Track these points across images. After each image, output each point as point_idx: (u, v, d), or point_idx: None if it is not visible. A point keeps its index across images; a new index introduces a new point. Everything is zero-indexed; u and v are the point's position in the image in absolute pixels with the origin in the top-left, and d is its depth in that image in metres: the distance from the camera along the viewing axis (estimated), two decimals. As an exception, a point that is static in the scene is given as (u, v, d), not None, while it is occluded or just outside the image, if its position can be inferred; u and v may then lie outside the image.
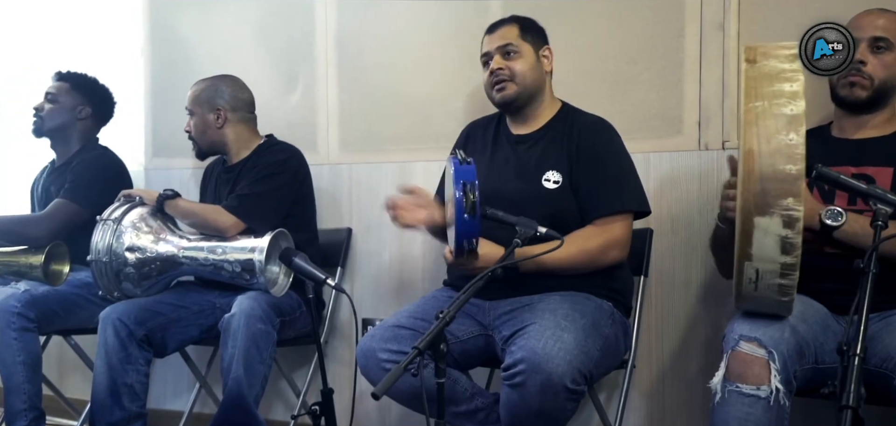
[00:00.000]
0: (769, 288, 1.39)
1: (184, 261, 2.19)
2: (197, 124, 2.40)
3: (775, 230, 1.32)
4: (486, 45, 2.02)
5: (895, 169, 1.66)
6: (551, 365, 1.56)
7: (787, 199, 1.30)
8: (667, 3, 2.19)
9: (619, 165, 1.91)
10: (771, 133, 1.32)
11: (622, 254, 1.87)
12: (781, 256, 1.34)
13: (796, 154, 1.30)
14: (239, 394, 2.00)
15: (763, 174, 1.32)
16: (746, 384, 1.43)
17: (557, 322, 1.66)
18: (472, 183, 1.60)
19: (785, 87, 1.34)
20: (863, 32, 1.71)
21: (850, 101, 1.73)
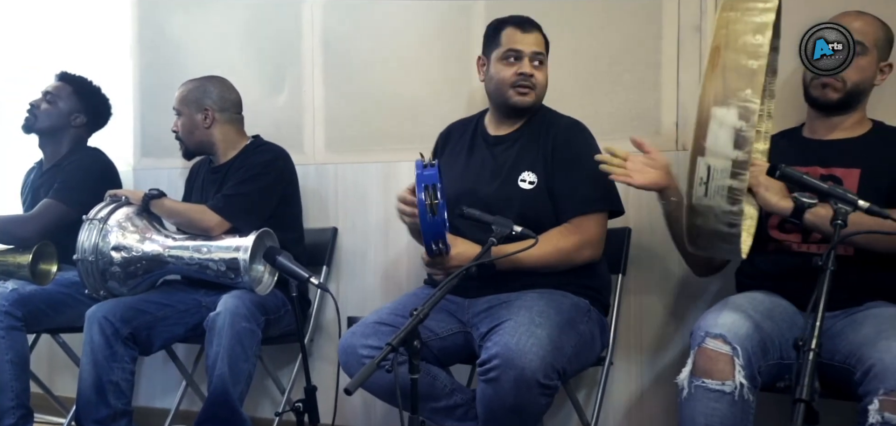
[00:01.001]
0: (718, 192, 1.36)
1: (169, 260, 2.22)
2: (184, 124, 2.42)
3: (731, 122, 1.32)
4: (517, 42, 1.97)
5: (862, 170, 1.69)
6: (524, 360, 1.60)
7: (746, 90, 1.30)
8: (645, 6, 2.22)
9: (593, 165, 1.94)
10: (739, 33, 1.33)
11: (596, 253, 1.91)
12: (733, 151, 1.32)
13: (760, 52, 1.31)
14: (223, 392, 2.04)
15: (726, 66, 1.33)
16: (712, 380, 1.46)
17: (532, 318, 1.69)
18: (433, 185, 1.64)
19: (758, 4, 1.36)
20: None
21: (822, 102, 1.76)
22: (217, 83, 2.47)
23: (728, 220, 1.38)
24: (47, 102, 2.66)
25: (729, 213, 1.37)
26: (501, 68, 1.98)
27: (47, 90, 2.69)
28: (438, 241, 1.75)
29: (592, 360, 1.93)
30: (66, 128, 2.68)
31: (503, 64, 1.98)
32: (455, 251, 1.80)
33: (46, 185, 2.62)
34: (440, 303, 1.95)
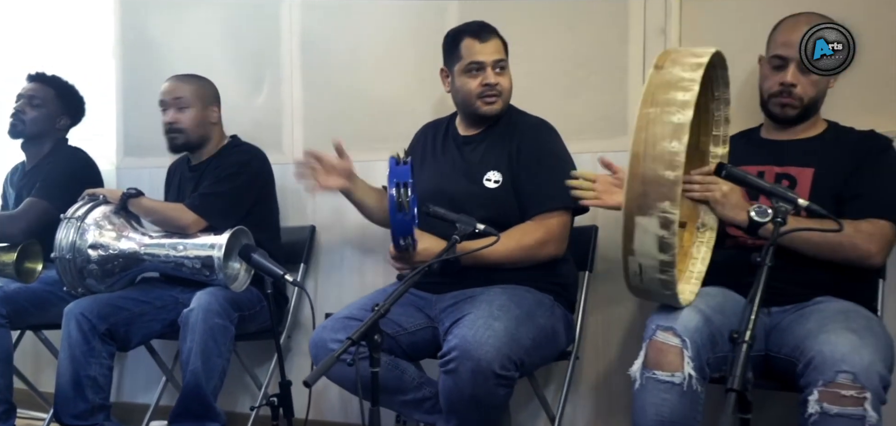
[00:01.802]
0: (653, 282, 1.47)
1: (145, 257, 2.26)
2: (194, 117, 2.43)
3: (653, 230, 1.40)
4: (477, 54, 2.01)
5: (816, 170, 1.74)
6: (481, 351, 1.65)
7: (665, 202, 1.38)
8: (612, 10, 2.27)
9: (557, 164, 2.00)
10: (657, 139, 1.39)
11: (558, 250, 1.96)
12: (659, 254, 1.41)
13: (676, 161, 1.37)
14: (197, 386, 2.08)
15: (645, 177, 1.39)
16: (662, 371, 1.51)
17: (491, 311, 1.74)
18: (405, 182, 1.68)
19: (678, 96, 1.41)
20: (793, 52, 1.74)
21: (781, 118, 1.80)
22: (212, 83, 2.53)
23: (664, 294, 1.53)
24: (35, 107, 2.70)
25: (664, 294, 1.53)
26: (466, 81, 2.03)
27: (32, 95, 2.70)
28: (406, 237, 1.79)
29: (555, 354, 1.98)
30: (51, 130, 2.73)
31: (467, 76, 2.03)
32: (421, 246, 1.85)
33: (29, 185, 2.66)
34: (409, 299, 2.02)
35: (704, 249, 1.72)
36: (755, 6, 2.06)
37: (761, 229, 1.47)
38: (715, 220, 1.71)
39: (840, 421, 1.36)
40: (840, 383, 1.37)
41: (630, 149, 1.43)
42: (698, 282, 1.67)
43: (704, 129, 1.72)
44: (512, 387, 1.73)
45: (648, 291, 1.54)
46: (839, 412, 1.36)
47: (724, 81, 1.66)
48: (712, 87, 1.67)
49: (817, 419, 1.38)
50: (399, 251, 1.82)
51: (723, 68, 1.63)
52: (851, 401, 1.36)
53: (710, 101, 1.68)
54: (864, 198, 1.67)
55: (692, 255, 1.71)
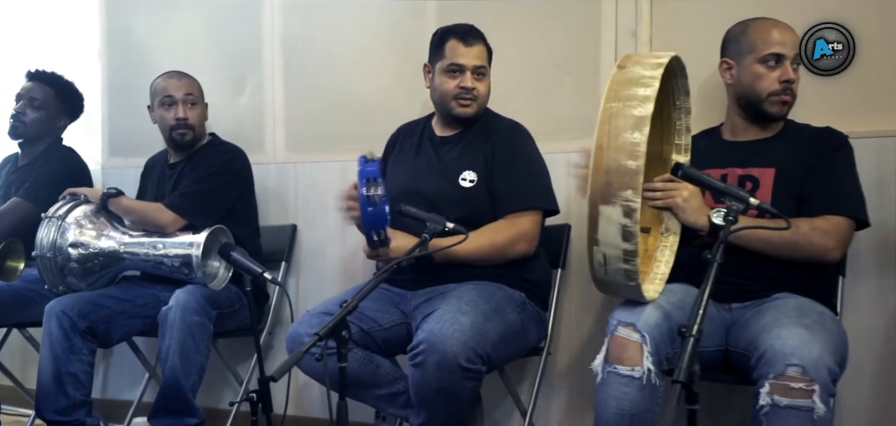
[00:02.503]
0: (617, 272, 1.50)
1: (125, 256, 2.30)
2: (200, 113, 2.49)
3: (617, 218, 1.44)
4: (459, 56, 2.05)
5: (776, 169, 1.78)
6: (446, 344, 1.70)
7: (627, 191, 1.42)
8: (585, 13, 2.32)
9: (529, 166, 2.04)
10: (619, 131, 1.44)
11: (529, 248, 2.00)
12: (622, 242, 1.45)
13: (637, 151, 1.42)
14: (175, 383, 2.12)
15: (608, 167, 1.44)
16: (622, 365, 1.55)
17: (459, 307, 1.79)
18: (374, 179, 1.73)
19: (639, 92, 1.45)
20: (787, 49, 1.78)
21: (778, 117, 1.82)
22: None
23: (629, 285, 1.56)
24: (34, 110, 2.72)
25: (629, 286, 1.56)
26: (445, 80, 2.07)
27: (32, 96, 2.73)
28: (379, 233, 1.83)
29: (526, 350, 2.03)
30: (51, 131, 2.77)
31: (446, 76, 2.07)
32: (395, 244, 1.88)
33: (19, 181, 2.70)
34: (385, 295, 2.07)
35: (668, 253, 1.76)
36: (723, 10, 2.10)
37: (722, 231, 1.51)
38: (678, 225, 1.76)
39: (789, 412, 1.40)
40: (789, 376, 1.41)
41: (594, 141, 1.48)
42: (662, 283, 1.71)
43: (667, 138, 1.76)
44: (479, 380, 1.78)
45: (613, 284, 1.58)
46: (789, 404, 1.40)
47: (685, 90, 1.70)
48: (673, 97, 1.71)
49: (768, 411, 1.42)
50: (372, 247, 1.86)
51: (683, 77, 1.67)
52: (800, 394, 1.40)
53: (671, 110, 1.73)
54: (821, 195, 1.72)
55: (656, 258, 1.75)
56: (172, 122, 2.44)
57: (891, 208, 1.96)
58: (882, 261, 1.96)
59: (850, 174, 1.76)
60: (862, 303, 1.95)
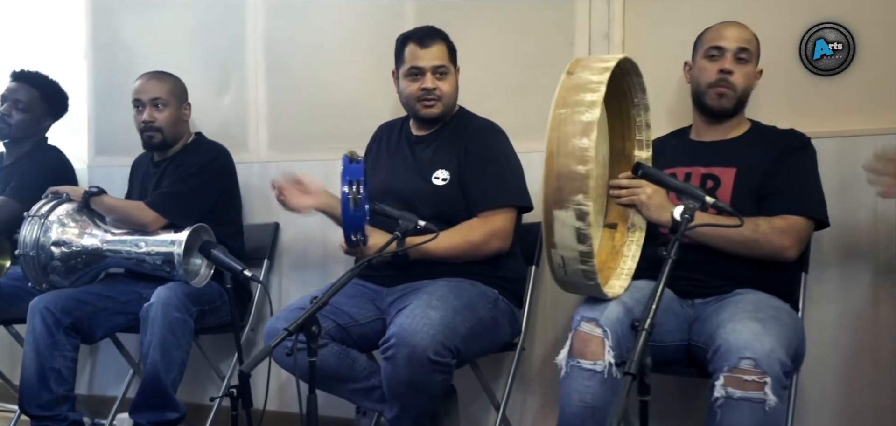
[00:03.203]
0: (575, 273, 1.55)
1: (108, 254, 2.34)
2: (170, 115, 2.50)
3: (571, 222, 1.48)
4: (418, 59, 2.09)
5: (738, 169, 1.82)
6: (416, 338, 1.74)
7: (578, 195, 1.46)
8: (559, 14, 2.36)
9: (503, 164, 2.08)
10: (568, 137, 1.48)
11: (503, 245, 2.04)
12: (578, 245, 1.50)
13: (586, 156, 1.46)
14: (156, 378, 2.16)
15: (559, 173, 1.48)
16: (585, 360, 1.60)
17: (430, 302, 1.83)
18: (357, 180, 1.77)
19: (586, 97, 1.50)
20: (729, 44, 1.85)
21: (718, 110, 1.87)
22: (182, 81, 2.60)
23: (588, 285, 1.61)
24: (20, 111, 2.75)
25: (588, 285, 1.61)
26: (407, 84, 2.12)
27: (17, 98, 2.75)
28: (357, 233, 1.87)
29: (499, 346, 2.07)
30: (36, 132, 2.80)
31: (408, 80, 2.12)
32: (372, 241, 1.92)
33: (4, 181, 2.73)
34: (362, 292, 2.11)
35: (635, 248, 1.80)
36: (694, 12, 2.14)
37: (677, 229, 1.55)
38: (644, 221, 1.80)
39: (743, 404, 1.45)
40: (743, 368, 1.46)
41: (545, 148, 1.52)
42: (628, 278, 1.75)
43: (628, 134, 1.80)
44: (449, 374, 1.82)
45: (574, 284, 1.62)
46: (742, 396, 1.45)
47: (641, 88, 1.74)
48: (631, 95, 1.76)
49: (723, 402, 1.47)
50: (350, 246, 1.90)
51: (637, 75, 1.72)
52: (753, 386, 1.44)
53: (631, 107, 1.77)
54: (781, 195, 1.76)
55: (623, 254, 1.79)
56: (140, 125, 2.49)
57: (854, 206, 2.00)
58: (845, 258, 2.01)
59: (811, 175, 1.81)
60: (826, 300, 2.00)
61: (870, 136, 1.97)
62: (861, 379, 1.98)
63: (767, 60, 1.98)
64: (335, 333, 2.00)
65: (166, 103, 2.49)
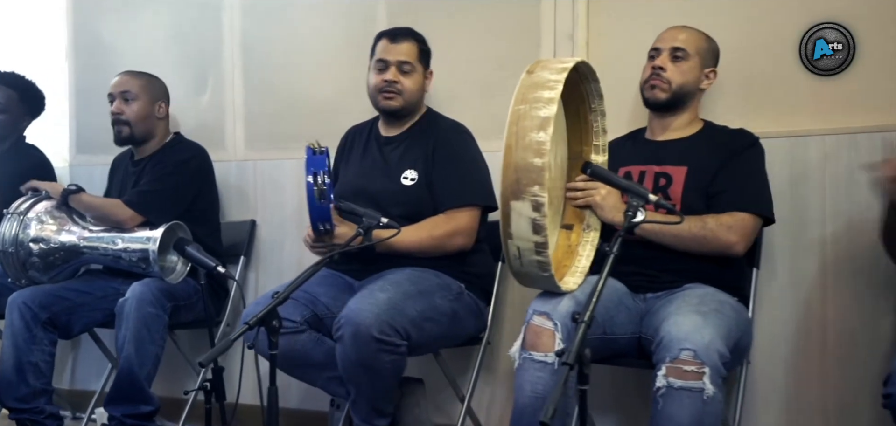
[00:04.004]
0: (531, 264, 1.60)
1: (85, 250, 2.39)
2: (139, 111, 2.55)
3: (527, 213, 1.54)
4: (385, 53, 2.18)
5: (688, 168, 1.89)
6: (360, 317, 1.82)
7: (535, 187, 1.52)
8: (526, 16, 2.42)
9: (469, 164, 2.14)
10: (526, 131, 1.54)
11: (466, 242, 2.10)
12: (533, 235, 1.56)
13: (543, 149, 1.52)
14: (130, 372, 2.22)
15: (517, 165, 1.54)
16: (537, 352, 1.66)
17: (381, 286, 1.91)
18: (322, 171, 1.83)
19: (544, 94, 1.56)
20: (665, 44, 1.95)
21: (652, 102, 1.96)
22: (161, 80, 2.66)
23: (543, 276, 1.65)
24: (1, 112, 2.80)
25: (543, 276, 1.65)
26: (373, 76, 2.20)
27: None
28: (325, 223, 1.93)
29: (461, 338, 2.14)
30: (15, 131, 2.85)
31: (374, 72, 2.19)
32: (339, 231, 1.98)
33: None
34: (339, 282, 2.17)
35: (589, 247, 1.86)
36: (655, 15, 2.20)
37: (636, 228, 1.62)
38: (598, 222, 1.86)
39: (683, 393, 1.51)
40: (683, 359, 1.52)
41: (504, 142, 1.57)
42: (582, 275, 1.81)
43: (586, 138, 1.86)
44: (398, 355, 1.87)
45: (529, 275, 1.67)
46: (682, 385, 1.52)
47: (598, 94, 1.81)
48: (589, 100, 1.82)
49: (664, 392, 1.54)
50: (318, 235, 1.96)
51: (595, 81, 1.78)
52: (692, 376, 1.51)
53: (588, 112, 1.83)
54: (728, 192, 1.83)
55: (578, 253, 1.85)
56: (111, 118, 2.54)
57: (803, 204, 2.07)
58: (796, 254, 2.08)
59: (758, 173, 1.87)
60: (777, 295, 2.07)
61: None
62: (809, 369, 2.05)
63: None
64: (312, 321, 2.05)
65: (135, 98, 2.54)
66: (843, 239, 2.02)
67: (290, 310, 2.04)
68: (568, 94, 1.83)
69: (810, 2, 2.01)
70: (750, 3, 2.11)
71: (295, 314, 2.05)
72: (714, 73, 1.97)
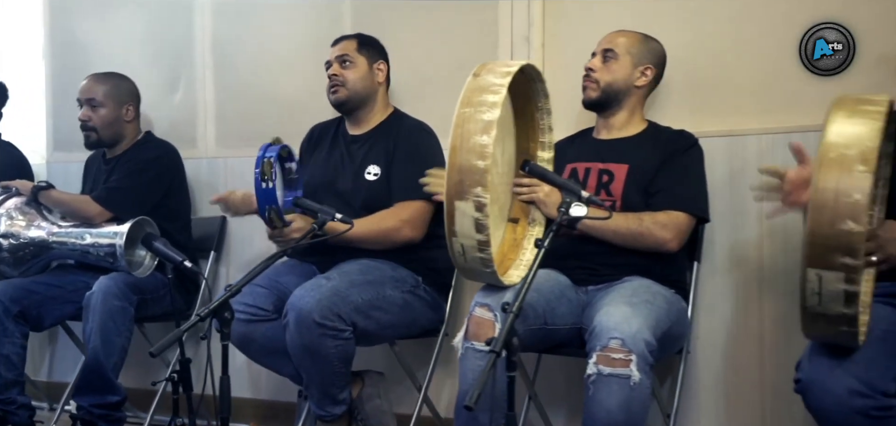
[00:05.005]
0: (474, 260, 1.67)
1: (54, 245, 2.47)
2: (106, 116, 2.62)
3: (470, 212, 1.60)
4: (329, 55, 2.34)
5: (629, 166, 1.97)
6: (302, 303, 1.91)
7: (477, 188, 1.58)
8: (485, 19, 2.50)
9: (423, 160, 2.21)
10: (470, 134, 1.60)
11: (414, 234, 2.17)
12: (476, 234, 1.62)
13: (486, 152, 1.58)
14: (97, 363, 2.29)
15: (461, 167, 1.60)
16: (477, 341, 1.73)
17: (329, 276, 2.01)
18: (268, 159, 1.91)
19: (488, 98, 1.62)
20: (599, 47, 2.04)
21: (585, 101, 2.05)
22: (129, 80, 2.72)
23: (486, 272, 1.71)
24: None
25: (486, 272, 1.71)
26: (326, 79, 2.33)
27: None
28: (271, 209, 1.99)
29: (416, 329, 2.22)
30: None
31: (326, 74, 2.33)
32: (296, 225, 2.06)
33: None
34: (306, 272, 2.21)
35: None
36: (608, 17, 2.27)
37: (578, 223, 1.70)
38: (543, 217, 1.94)
39: (611, 380, 1.59)
40: (611, 347, 1.60)
41: (449, 143, 1.65)
42: (526, 269, 1.88)
43: (532, 135, 1.94)
44: (342, 340, 1.95)
45: (473, 270, 1.75)
46: (610, 372, 1.59)
47: (544, 94, 1.88)
48: (535, 100, 1.89)
49: (595, 378, 1.61)
50: (266, 222, 2.03)
51: (541, 81, 1.85)
52: (620, 364, 1.59)
53: (534, 111, 1.91)
54: (665, 192, 1.91)
55: (523, 247, 1.92)
56: (79, 124, 2.61)
57: (742, 201, 2.13)
58: (734, 250, 2.15)
59: (695, 173, 1.95)
60: (717, 289, 2.15)
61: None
62: (747, 359, 2.13)
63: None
64: (280, 309, 2.09)
65: (102, 104, 2.61)
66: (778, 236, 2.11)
67: (259, 299, 2.13)
68: (517, 92, 1.90)
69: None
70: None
71: (265, 302, 2.14)
72: (650, 69, 2.04)
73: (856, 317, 1.32)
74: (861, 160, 1.30)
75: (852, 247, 1.27)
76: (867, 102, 1.40)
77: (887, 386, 1.39)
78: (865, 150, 1.31)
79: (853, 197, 1.27)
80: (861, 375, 1.38)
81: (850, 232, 1.27)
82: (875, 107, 1.38)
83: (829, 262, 1.28)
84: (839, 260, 1.28)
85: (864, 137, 1.33)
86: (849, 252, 1.27)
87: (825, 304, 1.31)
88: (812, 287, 1.31)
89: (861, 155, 1.31)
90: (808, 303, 1.32)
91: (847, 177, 1.29)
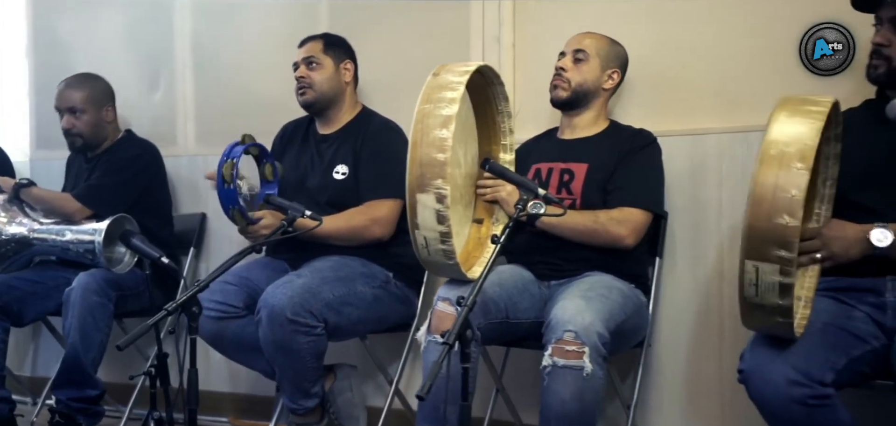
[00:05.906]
0: (437, 252, 1.72)
1: (35, 242, 2.51)
2: (90, 122, 2.66)
3: (431, 204, 1.66)
4: (296, 57, 2.38)
5: (589, 165, 2.02)
6: (274, 300, 1.96)
7: (438, 180, 1.64)
8: (456, 19, 2.55)
9: (391, 158, 2.26)
10: (430, 128, 1.66)
11: (383, 232, 2.23)
12: (438, 225, 1.68)
13: (445, 145, 1.64)
14: (76, 357, 2.34)
15: (422, 160, 1.66)
16: (440, 335, 1.78)
17: (300, 273, 2.05)
18: (229, 160, 1.96)
19: (447, 95, 1.68)
20: (569, 48, 2.09)
21: (555, 100, 2.10)
22: (103, 80, 2.76)
23: (448, 264, 1.76)
24: None
25: (448, 264, 1.77)
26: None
27: None
28: (231, 209, 2.04)
29: (386, 324, 2.27)
30: None
31: (294, 76, 2.38)
32: (266, 222, 2.12)
33: None
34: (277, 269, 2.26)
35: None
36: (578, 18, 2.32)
37: (537, 221, 1.75)
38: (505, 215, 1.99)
39: (565, 371, 1.65)
40: (565, 340, 1.66)
41: (410, 139, 1.70)
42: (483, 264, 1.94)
43: (494, 138, 2.00)
44: (314, 336, 2.00)
45: (436, 263, 1.80)
46: (564, 364, 1.65)
47: (503, 96, 1.94)
48: (495, 103, 1.95)
49: (550, 370, 1.67)
50: (229, 218, 2.08)
51: (500, 84, 1.92)
52: (574, 355, 1.64)
53: (495, 114, 1.96)
54: (621, 189, 1.96)
55: (487, 245, 1.97)
56: (63, 131, 2.67)
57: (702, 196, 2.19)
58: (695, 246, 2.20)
59: (651, 171, 2.01)
60: (679, 284, 2.20)
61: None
62: (707, 350, 2.18)
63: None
64: (251, 306, 2.15)
65: (83, 110, 2.65)
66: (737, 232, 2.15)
67: (230, 296, 2.18)
68: (480, 97, 1.96)
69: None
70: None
71: (235, 299, 2.18)
72: (617, 73, 2.10)
73: (790, 309, 1.38)
74: (800, 158, 1.36)
75: (787, 241, 1.33)
76: (810, 103, 1.46)
77: (824, 375, 1.45)
78: (804, 148, 1.37)
79: (790, 192, 1.34)
80: (799, 365, 1.44)
81: (785, 225, 1.33)
82: (817, 107, 1.45)
83: (765, 255, 1.34)
84: (775, 252, 1.34)
85: (804, 136, 1.39)
86: (784, 245, 1.33)
87: (762, 295, 1.37)
88: (750, 278, 1.37)
89: (800, 153, 1.37)
90: (746, 293, 1.38)
91: (785, 173, 1.35)
